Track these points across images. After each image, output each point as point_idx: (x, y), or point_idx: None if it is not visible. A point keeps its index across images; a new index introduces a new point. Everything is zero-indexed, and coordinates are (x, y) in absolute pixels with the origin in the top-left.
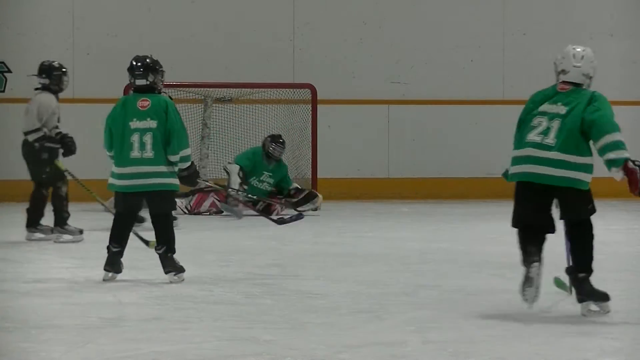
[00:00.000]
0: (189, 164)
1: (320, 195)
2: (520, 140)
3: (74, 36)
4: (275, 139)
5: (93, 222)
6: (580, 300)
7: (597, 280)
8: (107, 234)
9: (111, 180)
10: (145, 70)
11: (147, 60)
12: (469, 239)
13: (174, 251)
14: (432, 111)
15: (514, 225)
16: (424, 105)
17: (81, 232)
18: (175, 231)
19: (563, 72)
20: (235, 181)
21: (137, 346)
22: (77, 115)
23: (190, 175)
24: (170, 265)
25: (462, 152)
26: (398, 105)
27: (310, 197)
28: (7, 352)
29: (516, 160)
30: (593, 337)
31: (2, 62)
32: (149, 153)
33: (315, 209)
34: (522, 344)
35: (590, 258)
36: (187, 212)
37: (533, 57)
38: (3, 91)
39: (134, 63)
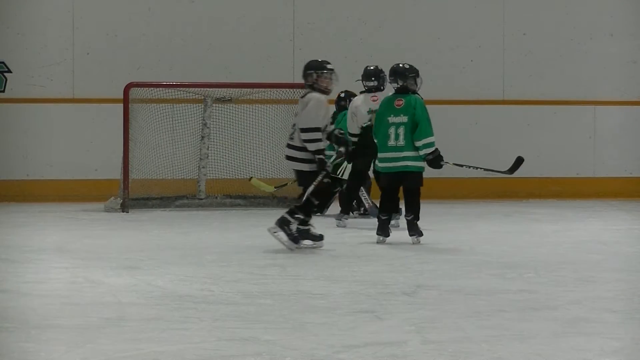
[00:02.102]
0: (432, 149)
1: None
2: None
3: (74, 36)
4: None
5: (89, 223)
6: None
7: (597, 280)
8: (106, 235)
9: (377, 163)
10: (395, 76)
11: (398, 69)
12: (469, 239)
13: (418, 219)
14: (431, 111)
15: None
16: None
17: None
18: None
19: None
20: None
21: (137, 346)
22: (76, 114)
23: (434, 159)
24: (414, 230)
25: (462, 152)
26: None
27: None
28: (7, 352)
29: None
30: (593, 337)
31: (2, 62)
32: (401, 142)
33: None
34: (521, 344)
35: None
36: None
37: (533, 57)
38: (3, 91)
39: (388, 72)
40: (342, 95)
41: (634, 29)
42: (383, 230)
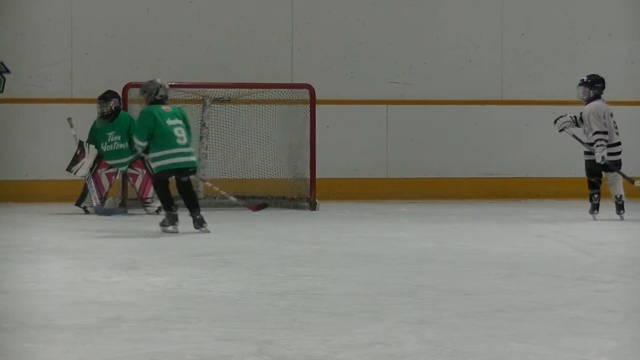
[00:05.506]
0: None
1: None
2: None
3: (73, 36)
4: (99, 98)
5: (89, 222)
6: None
7: (595, 280)
8: (105, 235)
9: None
10: None
11: None
12: (468, 239)
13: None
14: (430, 111)
15: None
16: (423, 105)
17: None
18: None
19: None
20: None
21: (135, 346)
22: (75, 115)
23: None
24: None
25: (461, 153)
26: (396, 106)
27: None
28: (5, 353)
29: None
30: (592, 337)
31: (1, 63)
32: None
33: None
34: (520, 344)
35: None
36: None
37: (531, 57)
38: (1, 92)
39: None
40: None
41: (632, 29)
42: None
